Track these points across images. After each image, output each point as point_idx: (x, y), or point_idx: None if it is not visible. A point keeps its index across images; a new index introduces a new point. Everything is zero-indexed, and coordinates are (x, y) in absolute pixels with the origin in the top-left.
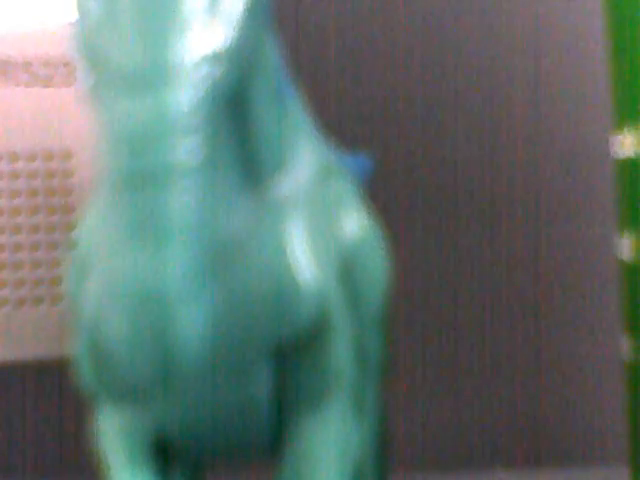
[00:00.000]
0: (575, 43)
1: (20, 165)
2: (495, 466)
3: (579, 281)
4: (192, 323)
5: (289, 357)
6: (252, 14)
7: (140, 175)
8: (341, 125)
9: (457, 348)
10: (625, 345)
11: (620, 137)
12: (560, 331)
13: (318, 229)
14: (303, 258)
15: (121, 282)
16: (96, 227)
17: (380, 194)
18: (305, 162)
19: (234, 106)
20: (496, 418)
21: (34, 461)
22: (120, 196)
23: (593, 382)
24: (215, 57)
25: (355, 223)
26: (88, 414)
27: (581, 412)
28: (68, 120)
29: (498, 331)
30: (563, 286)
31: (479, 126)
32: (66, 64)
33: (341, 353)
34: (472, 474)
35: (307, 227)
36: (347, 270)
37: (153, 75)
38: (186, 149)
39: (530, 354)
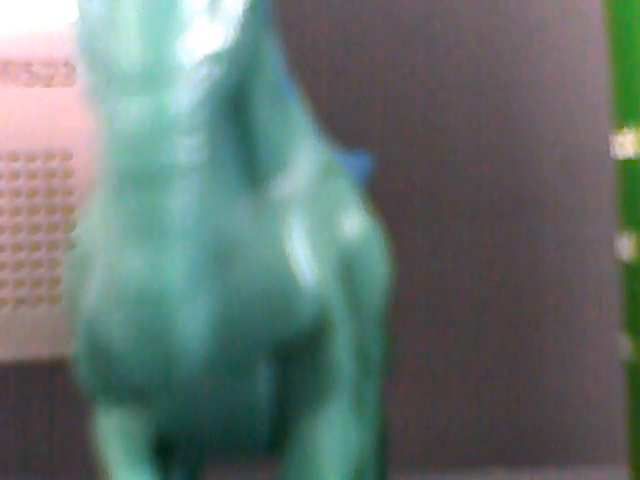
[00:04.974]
0: (575, 43)
1: (20, 165)
2: (495, 466)
3: (579, 281)
4: (192, 323)
5: (289, 357)
6: (252, 14)
7: (140, 175)
8: (341, 125)
9: (457, 348)
10: (625, 345)
11: (620, 137)
12: (560, 331)
13: (318, 229)
14: (303, 258)
15: (121, 282)
16: (96, 227)
17: (380, 194)
18: (305, 162)
19: (234, 106)
20: (496, 418)
21: (34, 461)
22: (120, 196)
23: (593, 382)
24: (215, 57)
25: (355, 223)
26: (88, 414)
27: (581, 412)
28: (68, 120)
29: (498, 331)
30: (563, 286)
31: (479, 126)
32: (66, 64)
33: (341, 353)
34: (472, 474)
35: (307, 227)
36: (347, 270)
37: (153, 75)
38: (186, 149)
39: (530, 354)
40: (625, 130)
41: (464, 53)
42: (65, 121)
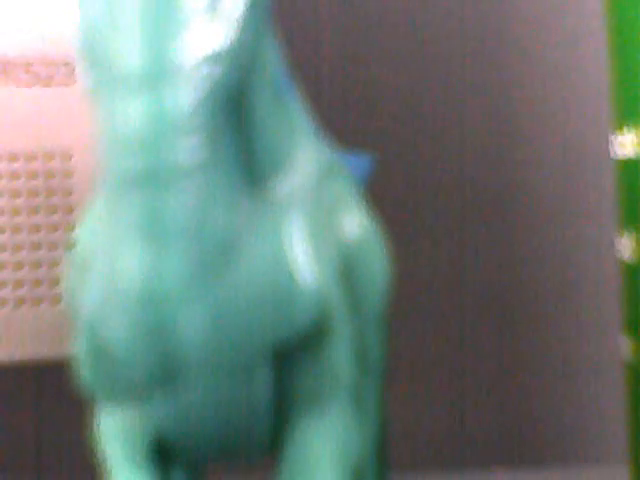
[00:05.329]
0: (575, 43)
1: (20, 165)
2: (495, 466)
3: (579, 281)
4: (192, 323)
5: (289, 357)
6: (252, 14)
7: (140, 175)
8: (341, 125)
9: (457, 348)
10: (625, 345)
11: (620, 137)
12: (560, 331)
13: (318, 229)
14: (303, 258)
15: (122, 282)
16: (96, 227)
17: (380, 194)
18: (305, 162)
19: (234, 106)
20: (496, 418)
21: (34, 461)
22: (120, 196)
23: (593, 382)
24: (215, 57)
25: (355, 223)
26: (88, 414)
27: (581, 412)
28: (68, 120)
29: (498, 331)
30: (563, 286)
31: (479, 126)
32: (66, 64)
33: (341, 353)
34: (472, 474)
35: (307, 227)
36: (347, 270)
37: (154, 75)
38: (186, 149)
39: (530, 354)
40: (625, 130)
41: (464, 53)
42: (65, 121)
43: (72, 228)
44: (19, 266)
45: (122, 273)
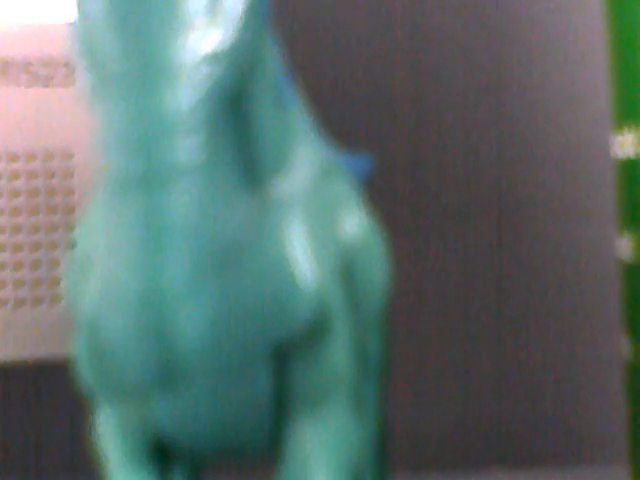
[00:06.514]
0: (575, 43)
1: (20, 165)
2: (495, 466)
3: (579, 281)
4: (192, 323)
5: (289, 357)
6: (252, 14)
7: (140, 175)
8: (341, 125)
9: (457, 348)
10: (625, 345)
11: (620, 137)
12: (560, 331)
13: (318, 229)
14: (303, 258)
15: (121, 282)
16: (96, 227)
17: (380, 194)
18: (305, 162)
19: (234, 106)
20: (496, 418)
21: (34, 461)
22: (120, 196)
23: (593, 382)
24: (215, 57)
25: (355, 223)
26: (88, 414)
27: (580, 412)
28: (68, 120)
29: (498, 331)
30: (563, 286)
31: (479, 126)
32: (66, 64)
33: (341, 353)
34: (472, 474)
35: (307, 227)
36: (347, 270)
37: (153, 75)
38: (186, 149)
39: (530, 354)
40: (625, 130)
41: (464, 53)
42: (65, 121)
43: (72, 228)
44: (19, 266)
45: (122, 273)
